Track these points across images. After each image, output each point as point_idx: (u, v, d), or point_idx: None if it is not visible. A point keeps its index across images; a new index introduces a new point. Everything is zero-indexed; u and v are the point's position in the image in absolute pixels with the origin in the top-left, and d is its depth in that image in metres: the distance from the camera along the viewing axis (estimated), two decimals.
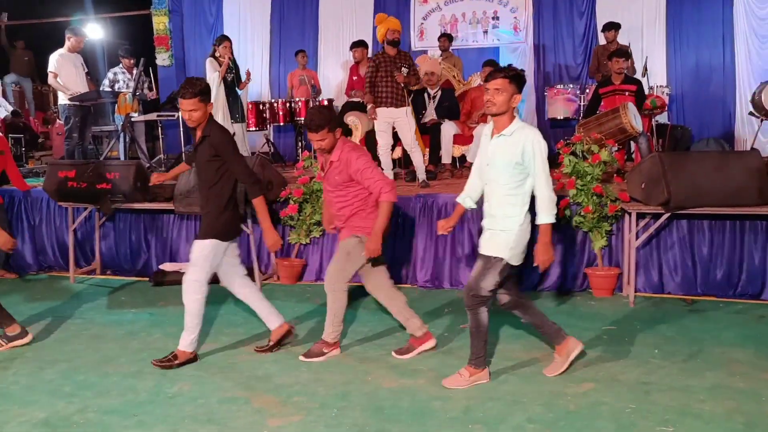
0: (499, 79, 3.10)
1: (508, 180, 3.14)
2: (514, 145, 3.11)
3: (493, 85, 3.11)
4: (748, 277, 4.74)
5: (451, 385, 3.32)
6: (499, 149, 3.16)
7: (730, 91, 8.37)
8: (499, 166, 3.15)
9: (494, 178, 3.18)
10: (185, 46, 10.12)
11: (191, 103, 3.56)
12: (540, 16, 8.97)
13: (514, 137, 3.13)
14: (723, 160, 4.48)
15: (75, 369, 3.72)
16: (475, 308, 3.27)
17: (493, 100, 3.10)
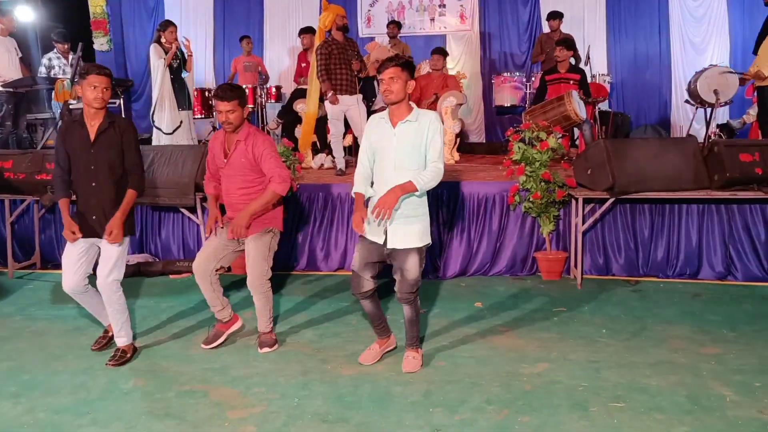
0: (391, 68, 3.16)
1: (417, 164, 3.19)
2: (421, 129, 3.19)
3: (388, 74, 3.15)
4: (685, 258, 4.99)
5: (413, 370, 3.38)
6: (406, 135, 3.19)
7: (666, 79, 8.73)
8: (407, 151, 3.19)
9: (403, 165, 3.18)
10: (124, 30, 9.77)
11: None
12: (486, 5, 9.09)
13: (420, 122, 3.20)
14: (663, 146, 4.67)
15: (20, 368, 3.58)
16: (413, 300, 3.35)
17: (391, 89, 3.15)
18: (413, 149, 3.18)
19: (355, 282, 3.38)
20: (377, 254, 3.30)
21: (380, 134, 3.27)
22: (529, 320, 4.13)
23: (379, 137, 3.27)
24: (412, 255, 3.24)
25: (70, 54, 7.71)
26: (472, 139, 9.09)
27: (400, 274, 3.30)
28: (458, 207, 5.20)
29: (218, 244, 3.74)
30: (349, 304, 4.52)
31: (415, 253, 3.24)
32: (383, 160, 3.24)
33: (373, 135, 3.31)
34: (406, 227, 3.23)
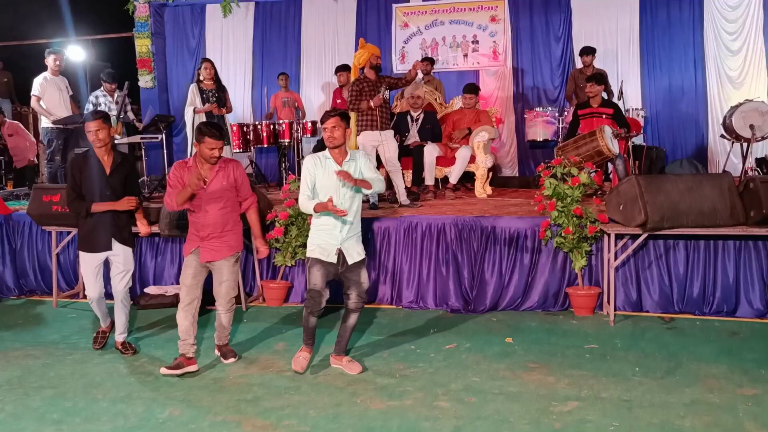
0: (332, 119, 3.83)
1: (357, 194, 3.91)
2: (355, 164, 3.92)
3: (330, 124, 3.82)
4: (722, 295, 4.89)
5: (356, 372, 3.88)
6: (351, 171, 3.82)
7: (702, 112, 8.64)
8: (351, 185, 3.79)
9: (353, 194, 3.86)
10: (168, 68, 10.17)
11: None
12: (518, 41, 9.19)
13: (353, 158, 3.93)
14: (697, 182, 4.63)
15: (62, 395, 3.71)
16: (362, 308, 3.95)
17: (333, 135, 3.82)
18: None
19: (317, 300, 3.86)
20: (333, 273, 3.87)
21: (327, 173, 3.84)
22: (561, 357, 4.10)
23: (324, 175, 3.85)
24: (363, 268, 3.93)
25: (116, 92, 8.07)
26: (505, 173, 9.12)
27: (356, 287, 3.89)
28: (490, 241, 5.22)
29: (195, 272, 4.02)
30: (380, 338, 4.56)
31: (364, 264, 3.94)
32: (332, 194, 3.76)
33: (313, 173, 3.87)
34: (356, 245, 3.92)
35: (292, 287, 5.58)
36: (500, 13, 9.13)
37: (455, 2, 9.23)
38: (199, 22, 10.05)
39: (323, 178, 3.86)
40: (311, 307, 3.87)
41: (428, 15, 9.38)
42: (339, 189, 3.81)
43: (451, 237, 5.31)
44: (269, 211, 5.55)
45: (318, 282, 3.84)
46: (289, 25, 9.86)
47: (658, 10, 8.74)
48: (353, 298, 3.90)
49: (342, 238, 3.83)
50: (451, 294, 5.24)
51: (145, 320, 5.16)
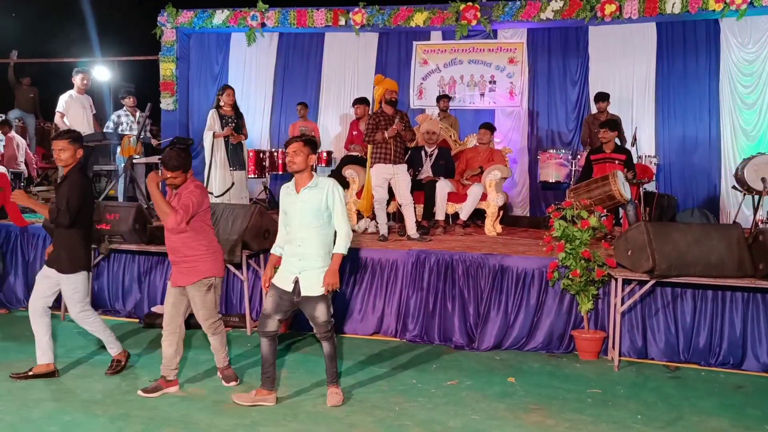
0: (295, 144, 3.77)
1: (318, 223, 3.75)
2: (320, 193, 3.76)
3: (291, 149, 3.76)
4: (729, 347, 4.84)
5: (336, 404, 3.83)
6: (309, 199, 3.75)
7: (715, 163, 8.65)
8: (310, 213, 3.74)
9: (309, 224, 3.74)
10: (190, 92, 10.38)
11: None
12: (535, 83, 9.31)
13: (319, 187, 3.78)
14: (706, 232, 4.64)
15: (61, 409, 3.74)
16: (330, 336, 3.86)
17: (294, 160, 3.74)
18: (317, 210, 3.74)
19: (263, 321, 3.84)
20: (288, 301, 3.80)
21: (288, 200, 3.82)
22: (562, 400, 4.07)
23: (287, 203, 3.82)
24: (320, 303, 3.77)
25: (138, 111, 8.26)
26: (516, 212, 9.15)
27: (312, 321, 3.84)
28: (497, 279, 5.23)
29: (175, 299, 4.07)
30: (382, 370, 4.55)
31: (323, 300, 3.78)
32: (292, 222, 3.79)
33: (283, 202, 3.85)
34: (315, 278, 3.75)
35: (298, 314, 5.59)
36: (518, 55, 9.28)
37: (475, 42, 9.40)
38: (224, 49, 10.28)
39: (285, 205, 3.84)
40: (259, 328, 3.89)
41: (447, 53, 9.54)
42: (296, 219, 3.76)
43: (458, 273, 5.33)
44: None
45: (267, 306, 3.84)
46: (311, 56, 10.06)
47: (674, 59, 8.83)
48: (315, 330, 3.90)
49: (301, 268, 3.75)
50: (456, 330, 5.23)
51: (148, 339, 5.19)
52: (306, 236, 3.75)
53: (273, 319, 3.83)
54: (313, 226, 3.75)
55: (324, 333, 3.84)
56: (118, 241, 5.52)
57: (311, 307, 3.79)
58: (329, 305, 3.83)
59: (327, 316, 3.81)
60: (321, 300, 3.78)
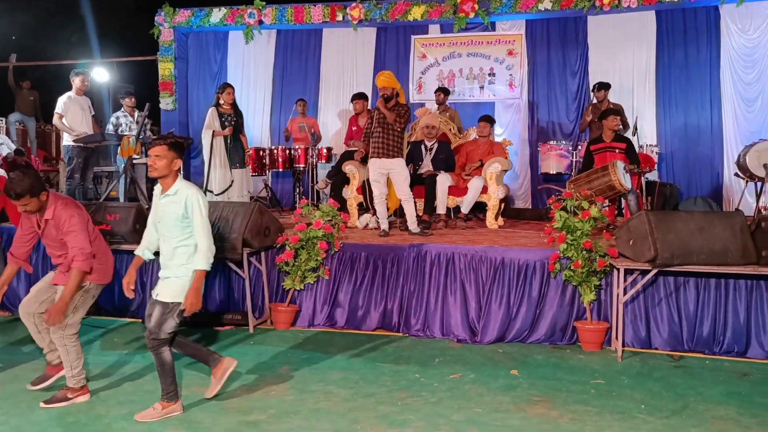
0: (157, 147, 3.54)
1: (178, 233, 3.57)
2: (179, 201, 3.55)
3: (154, 152, 3.53)
4: (733, 335, 4.82)
5: (143, 419, 3.55)
6: (167, 207, 3.59)
7: (717, 151, 8.61)
8: (169, 221, 3.57)
9: (166, 233, 3.60)
10: (189, 91, 10.38)
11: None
12: (534, 74, 9.27)
13: (178, 195, 3.56)
14: (708, 220, 4.61)
15: (66, 410, 3.74)
16: (157, 349, 3.60)
17: (155, 165, 3.53)
18: (174, 220, 3.56)
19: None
20: None
21: (155, 204, 3.69)
22: (566, 391, 4.05)
23: (154, 207, 3.70)
24: (158, 307, 3.58)
25: (136, 111, 8.26)
26: (518, 205, 9.13)
27: (146, 320, 3.63)
28: (498, 272, 5.21)
29: (42, 288, 4.05)
30: (385, 365, 4.55)
31: (160, 306, 3.58)
32: (159, 228, 3.66)
33: (154, 203, 3.71)
34: (167, 285, 3.61)
35: (300, 311, 5.60)
36: (517, 47, 9.24)
37: (473, 35, 9.36)
38: (222, 48, 10.28)
39: (154, 210, 3.70)
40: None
41: (446, 47, 9.51)
42: (159, 222, 3.63)
43: (460, 267, 5.31)
44: (280, 234, 5.60)
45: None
46: (309, 53, 10.05)
47: (674, 47, 8.79)
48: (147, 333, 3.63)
49: (163, 275, 3.64)
50: (458, 324, 5.22)
51: None
52: (165, 245, 3.63)
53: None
54: (173, 235, 3.58)
55: (149, 340, 3.59)
56: (119, 242, 5.51)
57: (152, 308, 3.62)
58: (165, 316, 3.55)
59: (163, 326, 3.55)
60: (159, 305, 3.58)
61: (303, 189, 8.84)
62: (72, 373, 3.85)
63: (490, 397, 3.96)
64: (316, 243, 5.44)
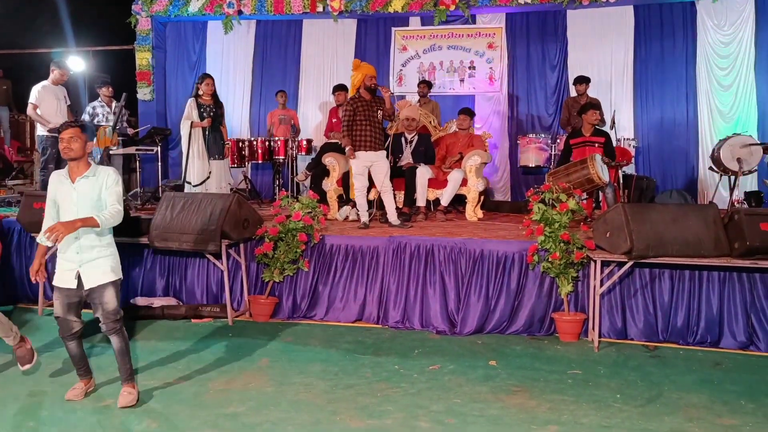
0: (71, 129, 3.58)
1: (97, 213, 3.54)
2: (99, 182, 3.62)
3: (67, 134, 3.56)
4: (706, 325, 4.90)
5: (127, 404, 3.62)
6: (86, 189, 3.60)
7: (693, 145, 8.75)
8: (89, 203, 3.59)
9: (88, 214, 3.53)
10: (167, 81, 10.26)
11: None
12: (514, 68, 9.32)
13: (98, 176, 3.63)
14: (683, 212, 4.68)
15: (39, 404, 3.69)
16: (120, 328, 3.67)
17: (71, 146, 3.56)
18: (94, 201, 3.60)
19: (64, 325, 3.67)
20: (76, 297, 3.63)
21: (61, 190, 3.62)
22: (543, 381, 4.10)
23: (61, 193, 3.63)
24: (108, 289, 3.61)
25: (114, 101, 8.14)
26: (497, 197, 9.18)
27: (101, 309, 3.62)
28: (477, 264, 5.24)
29: None
30: (364, 357, 4.56)
31: (111, 287, 3.62)
32: (67, 214, 3.58)
33: (55, 191, 3.64)
34: (97, 268, 3.60)
35: (279, 303, 5.58)
36: (497, 40, 9.27)
37: (453, 28, 9.37)
38: (201, 38, 10.16)
39: (59, 195, 3.63)
40: (61, 332, 3.69)
41: (426, 39, 9.52)
42: (71, 207, 3.57)
43: (439, 259, 5.33)
44: (259, 226, 5.57)
45: (58, 309, 3.65)
46: (289, 44, 9.98)
47: (652, 42, 8.90)
48: (102, 321, 3.65)
49: (81, 261, 3.57)
50: (438, 315, 5.24)
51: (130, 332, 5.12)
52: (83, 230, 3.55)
53: (70, 321, 3.66)
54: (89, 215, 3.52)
55: (112, 324, 3.62)
56: None
57: (99, 296, 3.60)
58: (118, 293, 3.66)
59: (116, 304, 3.62)
60: (109, 287, 3.61)
61: (283, 181, 8.80)
62: None
63: (469, 387, 3.99)
64: (296, 235, 5.42)
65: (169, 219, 5.28)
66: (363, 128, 6.19)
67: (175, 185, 8.19)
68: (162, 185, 8.04)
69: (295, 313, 5.54)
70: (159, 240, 5.29)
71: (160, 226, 5.29)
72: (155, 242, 5.31)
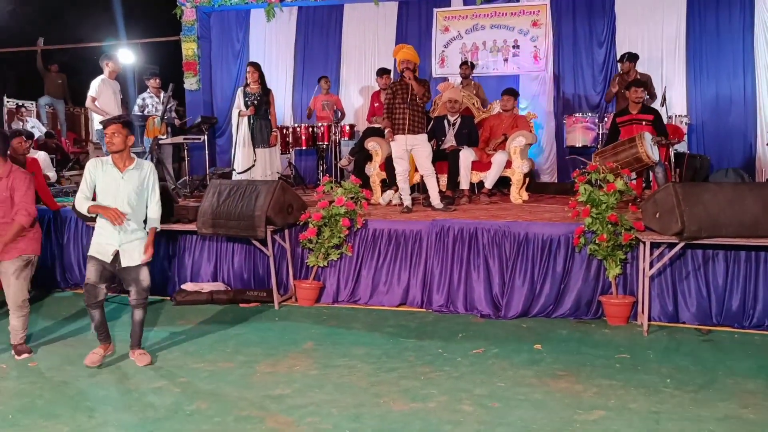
0: (113, 125, 3.99)
1: (140, 200, 4.10)
2: (143, 175, 4.10)
3: (110, 130, 3.97)
4: (763, 309, 4.72)
5: (149, 362, 4.13)
6: (132, 179, 4.05)
7: (750, 121, 8.36)
8: (135, 191, 4.05)
9: (131, 201, 4.02)
10: (212, 71, 10.43)
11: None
12: (560, 46, 9.09)
13: (143, 168, 4.11)
14: (738, 191, 4.49)
15: (97, 384, 3.85)
16: (146, 302, 4.19)
17: (113, 141, 3.96)
18: (140, 190, 4.08)
19: (92, 293, 4.07)
20: (109, 271, 4.06)
21: (106, 178, 4.02)
22: (590, 366, 4.03)
23: (105, 180, 4.02)
24: (144, 268, 4.10)
25: (162, 92, 8.33)
26: (543, 179, 9.02)
27: (135, 285, 4.10)
28: (522, 247, 5.17)
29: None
30: (409, 341, 4.57)
31: (146, 266, 4.12)
32: (111, 199, 3.99)
33: (97, 177, 4.03)
34: (135, 249, 4.06)
35: (324, 287, 5.64)
36: (542, 17, 9.05)
37: (496, 6, 9.20)
38: (244, 26, 10.27)
39: (103, 182, 4.02)
40: (87, 300, 4.09)
41: (469, 19, 9.36)
42: (117, 194, 3.99)
43: (483, 242, 5.28)
44: (303, 211, 5.63)
45: (92, 276, 4.05)
46: (330, 29, 9.99)
47: (706, 15, 8.52)
48: (133, 295, 4.13)
49: (121, 241, 4.01)
50: (482, 299, 5.21)
51: (180, 316, 5.30)
52: (134, 210, 4.04)
53: (99, 288, 4.07)
54: (135, 203, 4.04)
55: (142, 300, 4.14)
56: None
57: (135, 274, 4.07)
58: (150, 271, 4.16)
59: (149, 282, 4.14)
60: (145, 266, 4.10)
61: (326, 166, 8.85)
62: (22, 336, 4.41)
63: (513, 371, 3.96)
64: (339, 220, 5.46)
65: (215, 206, 5.39)
66: (401, 112, 6.16)
67: (222, 173, 8.35)
68: (209, 173, 8.20)
69: (339, 298, 5.59)
70: (206, 227, 5.41)
71: (207, 213, 5.41)
72: (203, 229, 5.43)
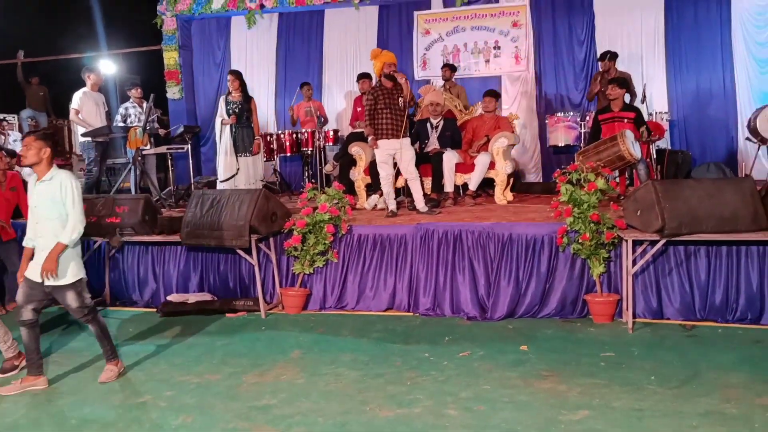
0: (26, 138, 3.93)
1: (57, 214, 3.89)
2: (54, 186, 3.89)
3: (25, 143, 3.90)
4: (746, 302, 4.76)
5: (107, 380, 4.05)
6: (44, 192, 3.90)
7: (731, 115, 8.43)
8: (48, 206, 3.89)
9: (47, 216, 3.89)
10: (195, 79, 10.40)
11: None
12: (541, 45, 9.13)
13: (54, 181, 3.90)
14: (717, 187, 4.53)
15: (82, 401, 3.82)
16: (94, 317, 4.06)
17: (25, 155, 3.88)
18: (52, 203, 3.89)
19: (18, 311, 4.01)
20: (39, 291, 3.95)
21: (30, 192, 3.97)
22: (575, 365, 4.05)
23: (30, 194, 3.98)
24: (68, 291, 3.94)
25: (144, 102, 8.30)
26: (528, 179, 9.05)
27: (67, 308, 4.02)
28: (506, 248, 5.19)
29: None
30: (394, 345, 4.57)
31: (70, 288, 3.95)
32: (35, 213, 3.94)
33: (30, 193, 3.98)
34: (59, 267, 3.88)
35: (310, 294, 5.63)
36: (522, 18, 9.09)
37: (476, 8, 9.23)
38: (225, 34, 10.26)
39: (30, 198, 3.98)
40: (17, 317, 4.02)
41: (449, 22, 9.39)
42: (33, 207, 3.94)
43: (467, 244, 5.30)
44: (287, 219, 5.62)
45: (19, 297, 4.00)
46: (312, 34, 10.00)
47: (684, 10, 8.59)
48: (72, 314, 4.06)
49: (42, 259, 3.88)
50: (468, 301, 5.22)
51: (166, 327, 5.27)
52: (45, 228, 3.91)
53: (26, 309, 3.97)
54: (51, 218, 3.89)
55: (82, 318, 4.02)
56: (129, 234, 5.58)
57: (61, 297, 3.97)
58: (80, 291, 3.99)
59: (78, 303, 3.97)
60: (68, 288, 3.94)
61: (312, 172, 8.84)
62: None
63: (499, 373, 3.97)
64: (323, 227, 5.45)
65: (199, 216, 5.38)
66: (384, 116, 6.16)
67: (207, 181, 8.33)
68: (194, 182, 8.18)
69: (326, 304, 5.59)
70: (190, 237, 5.39)
71: (190, 223, 5.40)
72: (187, 240, 5.42)
